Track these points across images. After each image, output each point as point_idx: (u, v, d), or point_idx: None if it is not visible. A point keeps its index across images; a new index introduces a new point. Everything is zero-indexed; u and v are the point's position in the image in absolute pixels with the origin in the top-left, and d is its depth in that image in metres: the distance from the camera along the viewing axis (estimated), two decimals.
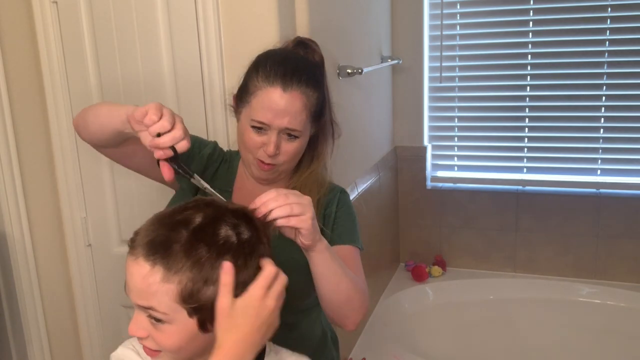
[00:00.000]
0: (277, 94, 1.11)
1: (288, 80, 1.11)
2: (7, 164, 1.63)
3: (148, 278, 0.79)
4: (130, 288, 0.82)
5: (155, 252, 0.80)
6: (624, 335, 2.40)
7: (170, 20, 1.57)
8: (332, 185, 1.26)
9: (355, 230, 1.24)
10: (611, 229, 2.52)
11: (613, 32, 2.39)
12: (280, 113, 1.11)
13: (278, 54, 1.19)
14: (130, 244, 0.84)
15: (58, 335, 1.84)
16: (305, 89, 1.13)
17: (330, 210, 1.22)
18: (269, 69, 1.13)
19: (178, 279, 0.79)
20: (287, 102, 1.11)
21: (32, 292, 1.73)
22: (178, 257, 0.79)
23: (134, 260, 0.81)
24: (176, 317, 0.81)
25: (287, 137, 1.14)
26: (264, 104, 1.12)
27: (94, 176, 1.77)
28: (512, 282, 2.65)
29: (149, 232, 0.83)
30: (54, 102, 1.73)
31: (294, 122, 1.12)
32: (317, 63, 1.22)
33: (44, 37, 1.68)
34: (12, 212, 1.66)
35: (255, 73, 1.14)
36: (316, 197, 1.19)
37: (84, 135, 1.21)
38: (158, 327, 0.82)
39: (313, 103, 1.15)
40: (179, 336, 0.82)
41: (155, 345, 0.84)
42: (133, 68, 1.63)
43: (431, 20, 2.59)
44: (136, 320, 0.83)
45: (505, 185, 2.64)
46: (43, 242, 1.77)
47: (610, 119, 2.47)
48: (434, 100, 2.69)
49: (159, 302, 0.80)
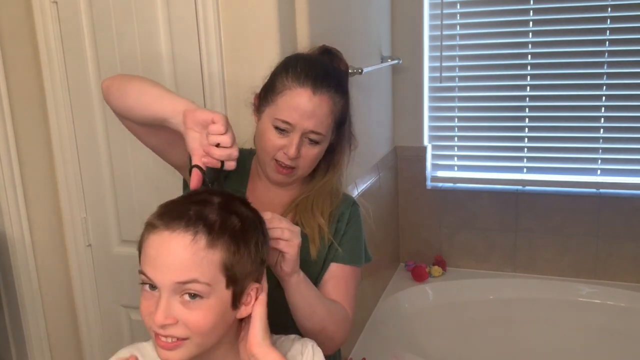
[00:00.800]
0: (307, 95, 1.10)
1: (319, 83, 1.11)
2: (7, 164, 1.63)
3: (192, 246, 0.80)
4: (166, 264, 0.81)
5: (195, 222, 0.81)
6: (624, 335, 2.40)
7: (170, 20, 1.57)
8: (344, 197, 1.25)
9: (361, 248, 1.23)
10: (611, 229, 2.52)
11: (613, 32, 2.39)
12: (307, 114, 1.10)
13: (308, 58, 1.19)
14: (151, 227, 0.83)
15: (58, 335, 1.84)
16: (334, 94, 1.13)
17: (340, 225, 1.21)
18: (299, 70, 1.12)
19: (220, 246, 0.82)
20: (316, 105, 1.10)
21: (32, 292, 1.73)
22: (217, 225, 0.82)
23: (169, 234, 0.81)
24: (215, 288, 0.82)
25: (309, 141, 1.13)
26: (291, 104, 1.11)
27: (94, 176, 1.77)
28: (512, 282, 2.65)
29: (175, 210, 0.84)
30: (54, 102, 1.73)
31: (320, 126, 1.12)
32: (344, 71, 1.23)
33: (44, 37, 1.68)
34: (12, 212, 1.66)
35: (285, 73, 1.13)
36: (329, 210, 1.19)
37: (115, 102, 1.16)
38: (192, 306, 0.82)
39: (339, 109, 1.15)
40: (214, 312, 0.83)
41: (184, 331, 0.82)
42: (133, 68, 1.63)
43: (431, 20, 2.59)
44: (166, 306, 0.81)
45: (505, 185, 2.64)
46: (43, 242, 1.77)
47: (610, 119, 2.47)
48: (434, 100, 2.69)
49: (203, 271, 0.81)
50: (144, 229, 0.86)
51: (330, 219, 1.19)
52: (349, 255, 1.20)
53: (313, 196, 1.20)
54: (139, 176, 1.72)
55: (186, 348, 0.83)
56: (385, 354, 2.12)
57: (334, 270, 1.18)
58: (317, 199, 1.20)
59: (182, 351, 0.83)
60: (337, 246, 1.18)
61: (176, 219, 0.82)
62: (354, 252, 1.21)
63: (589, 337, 2.44)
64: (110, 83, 1.17)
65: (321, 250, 1.17)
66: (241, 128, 1.59)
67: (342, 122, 1.19)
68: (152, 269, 0.82)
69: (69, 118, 1.74)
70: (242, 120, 1.60)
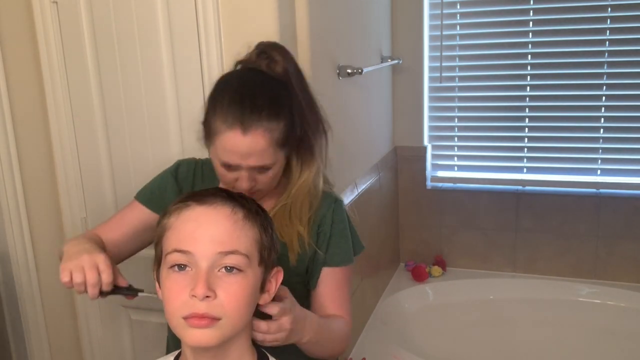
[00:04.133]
0: (238, 137, 1.06)
1: (247, 121, 1.05)
2: (7, 164, 1.64)
3: (232, 216, 0.84)
4: (207, 236, 0.83)
5: (230, 199, 0.86)
6: (624, 335, 2.40)
7: (170, 20, 1.57)
8: (324, 196, 1.21)
9: (349, 246, 1.22)
10: (611, 229, 2.52)
11: (613, 32, 2.39)
12: (244, 155, 1.07)
13: (234, 86, 1.12)
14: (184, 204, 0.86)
15: (58, 336, 1.84)
16: (267, 124, 1.07)
17: (324, 228, 1.19)
18: (225, 109, 1.07)
19: (253, 222, 0.86)
20: (250, 144, 1.06)
21: (32, 292, 1.73)
22: (247, 205, 0.87)
23: (208, 206, 0.84)
24: (251, 263, 0.85)
25: (259, 170, 1.11)
26: (227, 147, 1.08)
27: (94, 176, 1.77)
28: (512, 282, 2.65)
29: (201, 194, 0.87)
30: (54, 102, 1.73)
31: (261, 160, 1.09)
32: (280, 79, 1.15)
33: (44, 37, 1.68)
34: (12, 212, 1.66)
35: (213, 113, 1.10)
36: (307, 215, 1.17)
37: None
38: (231, 279, 0.82)
39: (279, 134, 1.09)
40: (250, 287, 0.85)
41: (222, 309, 0.81)
42: (133, 68, 1.63)
43: (431, 20, 2.59)
44: (206, 278, 0.81)
45: (505, 185, 2.64)
46: (43, 242, 1.77)
47: (610, 119, 2.47)
48: (434, 100, 2.69)
49: (243, 242, 0.84)
50: (166, 213, 0.87)
51: (311, 224, 1.18)
52: (339, 256, 1.19)
53: (290, 203, 1.18)
54: (139, 176, 1.71)
55: (219, 328, 0.82)
56: (385, 354, 2.12)
57: (327, 275, 1.18)
58: (294, 205, 1.18)
59: (215, 331, 0.82)
60: (321, 252, 1.17)
61: (211, 196, 0.86)
62: (344, 251, 1.20)
63: (589, 337, 2.44)
64: None
65: (301, 255, 1.16)
66: None
67: (289, 137, 1.12)
68: (193, 242, 0.82)
69: (69, 118, 1.74)
70: None
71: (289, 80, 1.16)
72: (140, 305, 1.82)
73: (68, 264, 1.04)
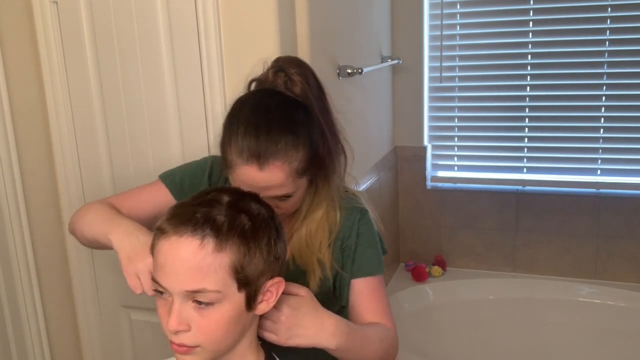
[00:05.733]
0: (254, 172, 1.01)
1: (263, 155, 1.00)
2: (7, 164, 1.63)
3: (200, 252, 0.78)
4: (174, 272, 0.79)
5: (202, 225, 0.79)
6: (624, 335, 2.40)
7: (170, 20, 1.57)
8: (347, 211, 1.16)
9: (378, 255, 1.18)
10: (611, 229, 2.52)
11: (613, 32, 2.39)
12: (262, 188, 1.01)
13: (250, 115, 1.05)
14: (161, 231, 0.82)
15: (58, 336, 1.84)
16: (285, 156, 1.01)
17: (349, 243, 1.15)
18: (240, 142, 1.01)
19: (229, 249, 0.80)
20: (267, 178, 1.01)
21: (32, 292, 1.73)
22: (225, 227, 0.80)
23: (176, 240, 0.79)
24: (227, 293, 0.80)
25: (279, 199, 1.06)
26: (244, 180, 1.03)
27: (94, 176, 1.77)
28: (512, 282, 2.64)
29: (184, 213, 0.82)
30: (54, 102, 1.73)
31: (281, 190, 1.04)
32: (298, 100, 1.08)
33: (44, 37, 1.68)
34: (12, 212, 1.66)
35: (229, 143, 1.04)
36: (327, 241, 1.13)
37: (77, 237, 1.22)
38: (205, 313, 0.80)
39: (298, 164, 1.04)
40: (228, 316, 0.81)
41: (196, 339, 0.81)
42: (133, 68, 1.63)
43: (431, 20, 2.59)
44: (178, 313, 0.80)
45: (505, 185, 2.64)
46: (43, 242, 1.77)
47: (610, 119, 2.46)
48: (434, 100, 2.69)
49: (211, 279, 0.79)
50: (154, 232, 0.85)
51: (332, 244, 1.14)
52: (367, 267, 1.15)
53: (306, 233, 1.13)
54: (139, 176, 1.71)
55: (199, 354, 0.83)
56: None
57: (360, 287, 1.15)
58: (309, 235, 1.13)
59: (195, 356, 0.83)
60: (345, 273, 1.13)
61: (184, 223, 0.80)
62: (372, 261, 1.16)
63: (589, 337, 2.44)
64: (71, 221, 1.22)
65: (324, 280, 1.13)
66: None
67: (311, 163, 1.07)
68: (163, 276, 0.81)
69: (69, 118, 1.74)
70: None
71: (308, 100, 1.09)
72: (140, 305, 1.82)
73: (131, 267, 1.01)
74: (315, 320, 0.97)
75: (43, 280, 1.77)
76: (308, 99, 1.10)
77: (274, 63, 1.13)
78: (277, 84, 1.10)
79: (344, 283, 1.15)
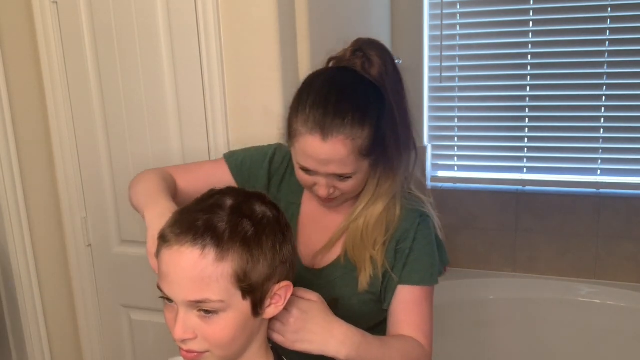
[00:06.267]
0: (317, 143, 0.99)
1: (328, 127, 0.98)
2: (7, 164, 1.64)
3: (200, 262, 0.77)
4: (177, 282, 0.78)
5: (202, 234, 0.77)
6: (624, 335, 2.39)
7: (170, 20, 1.57)
8: (406, 214, 1.11)
9: (432, 265, 1.12)
10: (611, 229, 2.52)
11: (613, 32, 2.38)
12: (322, 162, 1.00)
13: (320, 86, 1.04)
14: (163, 239, 0.80)
15: (58, 336, 1.84)
16: (350, 131, 0.99)
17: (404, 246, 1.10)
18: (307, 111, 1.00)
19: (231, 258, 0.78)
20: (329, 151, 0.99)
21: (32, 292, 1.73)
22: (226, 234, 0.78)
23: (177, 250, 0.78)
24: (231, 302, 0.79)
25: (339, 178, 1.03)
26: (306, 151, 1.01)
27: (94, 176, 1.78)
28: (512, 282, 2.64)
29: (184, 220, 0.80)
30: (54, 102, 1.73)
31: (341, 168, 1.01)
32: (373, 82, 1.05)
33: (44, 37, 1.68)
34: (12, 212, 1.66)
35: (295, 114, 1.02)
36: (382, 238, 1.09)
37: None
38: (210, 321, 0.79)
39: (362, 142, 1.00)
40: (234, 323, 0.80)
41: (204, 345, 0.81)
42: (133, 68, 1.63)
43: (431, 20, 2.59)
44: (183, 322, 0.79)
45: (505, 185, 2.64)
46: (43, 242, 1.77)
47: (610, 119, 2.46)
48: (434, 100, 2.69)
49: (214, 289, 0.77)
50: (158, 237, 0.83)
51: (387, 243, 1.10)
52: (418, 275, 1.10)
53: (362, 225, 1.09)
54: None
55: (209, 358, 0.83)
56: None
57: (403, 294, 1.10)
58: (366, 228, 1.09)
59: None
60: (395, 275, 1.09)
61: (184, 232, 0.78)
62: (424, 270, 1.11)
63: (589, 337, 2.44)
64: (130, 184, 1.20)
65: (374, 278, 1.10)
66: (242, 129, 1.59)
67: (375, 146, 1.03)
68: (166, 285, 0.80)
69: (69, 118, 1.74)
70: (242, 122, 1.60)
71: (384, 85, 1.06)
72: (140, 305, 1.82)
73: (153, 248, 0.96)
74: (324, 326, 0.94)
75: (43, 280, 1.77)
76: (383, 83, 1.07)
77: (354, 43, 1.11)
78: (354, 64, 1.08)
79: (391, 286, 1.11)
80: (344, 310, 1.06)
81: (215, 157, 1.59)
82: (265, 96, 1.53)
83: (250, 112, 1.56)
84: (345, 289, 1.11)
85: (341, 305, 1.09)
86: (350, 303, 1.11)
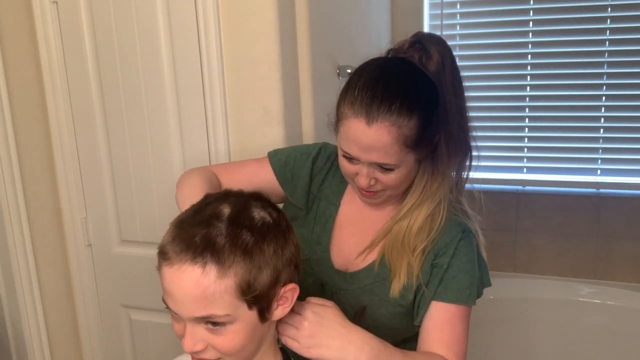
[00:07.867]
0: (361, 127, 0.96)
1: (374, 111, 0.95)
2: (7, 164, 1.64)
3: (202, 281, 0.75)
4: (180, 300, 0.77)
5: (201, 251, 0.76)
6: (624, 335, 2.39)
7: (170, 20, 1.57)
8: (450, 225, 1.06)
9: (471, 284, 1.06)
10: (611, 229, 2.52)
11: (613, 32, 2.38)
12: (365, 148, 0.97)
13: (374, 71, 1.01)
14: (163, 255, 0.79)
15: (58, 336, 1.84)
16: (396, 119, 0.95)
17: (441, 261, 1.05)
18: (356, 93, 0.97)
19: (233, 272, 0.76)
20: (372, 137, 0.95)
21: (32, 291, 1.73)
22: (226, 249, 0.76)
23: (178, 268, 0.76)
24: (237, 314, 0.78)
25: (381, 169, 1.00)
26: (348, 136, 0.98)
27: (94, 176, 1.77)
28: (512, 282, 2.64)
29: (182, 236, 0.78)
30: (54, 102, 1.73)
31: (383, 157, 0.98)
32: (428, 75, 1.02)
33: (44, 37, 1.68)
34: (12, 212, 1.66)
35: (344, 96, 1.00)
36: (423, 245, 1.04)
37: None
38: (218, 332, 0.79)
39: (408, 132, 0.97)
40: (243, 333, 0.80)
41: (215, 354, 0.81)
42: (133, 68, 1.63)
43: (431, 20, 2.59)
44: (191, 335, 0.79)
45: (505, 185, 2.64)
46: (43, 242, 1.77)
47: (610, 119, 2.46)
48: None
49: (218, 305, 0.76)
50: (157, 252, 0.81)
51: (426, 253, 1.05)
52: (454, 294, 1.04)
53: (405, 230, 1.04)
54: (139, 176, 1.71)
55: None
56: None
57: (437, 311, 1.04)
58: (409, 232, 1.04)
59: None
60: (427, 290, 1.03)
61: (183, 250, 0.76)
62: (461, 289, 1.05)
63: (589, 337, 2.44)
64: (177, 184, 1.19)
65: (407, 288, 1.05)
66: (242, 129, 1.59)
67: (421, 140, 0.99)
68: (171, 302, 0.80)
69: (69, 118, 1.74)
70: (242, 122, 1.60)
71: (441, 81, 1.03)
72: (140, 305, 1.82)
73: None
74: (341, 331, 0.90)
75: (43, 280, 1.77)
76: (440, 80, 1.03)
77: (414, 35, 1.08)
78: (411, 56, 1.05)
79: (424, 302, 1.05)
80: (371, 320, 1.04)
81: (215, 157, 1.59)
82: (265, 96, 1.53)
83: (250, 112, 1.56)
84: (375, 297, 1.08)
85: (369, 314, 1.06)
86: (379, 312, 1.07)
